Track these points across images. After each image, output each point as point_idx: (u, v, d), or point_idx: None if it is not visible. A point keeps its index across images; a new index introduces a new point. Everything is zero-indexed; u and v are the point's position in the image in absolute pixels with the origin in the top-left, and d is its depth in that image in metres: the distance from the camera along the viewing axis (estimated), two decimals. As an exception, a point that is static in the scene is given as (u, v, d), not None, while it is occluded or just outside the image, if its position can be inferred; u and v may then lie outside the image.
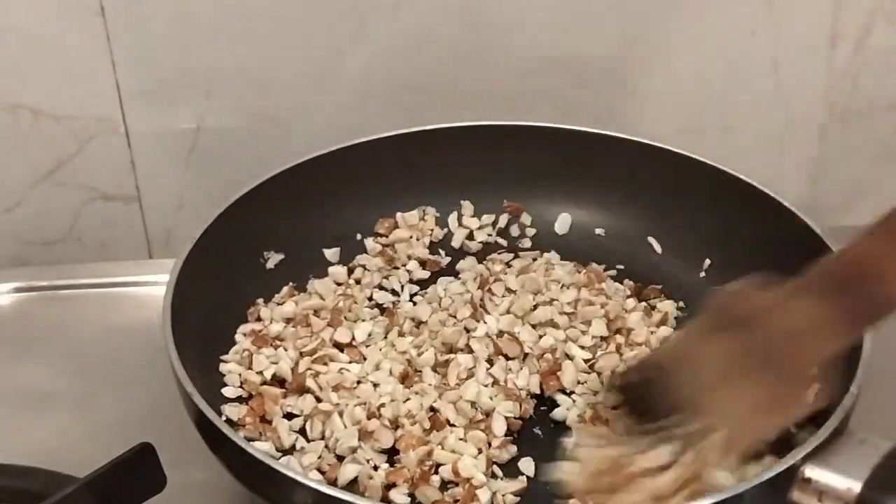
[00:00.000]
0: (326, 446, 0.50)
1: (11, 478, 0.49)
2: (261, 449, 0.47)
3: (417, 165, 0.63)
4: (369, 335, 0.55)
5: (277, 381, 0.53)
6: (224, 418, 0.49)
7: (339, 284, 0.59)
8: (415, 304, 0.58)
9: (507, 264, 0.61)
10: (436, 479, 0.48)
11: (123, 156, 0.71)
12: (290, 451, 0.50)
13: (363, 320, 0.56)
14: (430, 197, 0.64)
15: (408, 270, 0.61)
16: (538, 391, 0.53)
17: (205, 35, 0.67)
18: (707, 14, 0.69)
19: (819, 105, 0.71)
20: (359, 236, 0.62)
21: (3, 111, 0.69)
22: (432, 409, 0.51)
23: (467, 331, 0.55)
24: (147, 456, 0.46)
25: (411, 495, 0.48)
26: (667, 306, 0.58)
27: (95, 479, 0.45)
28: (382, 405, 0.50)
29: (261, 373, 0.53)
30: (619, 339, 0.55)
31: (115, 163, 0.71)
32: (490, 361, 0.54)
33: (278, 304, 0.58)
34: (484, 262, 0.61)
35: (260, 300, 0.57)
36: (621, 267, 0.61)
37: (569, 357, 0.54)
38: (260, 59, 0.68)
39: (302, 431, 0.51)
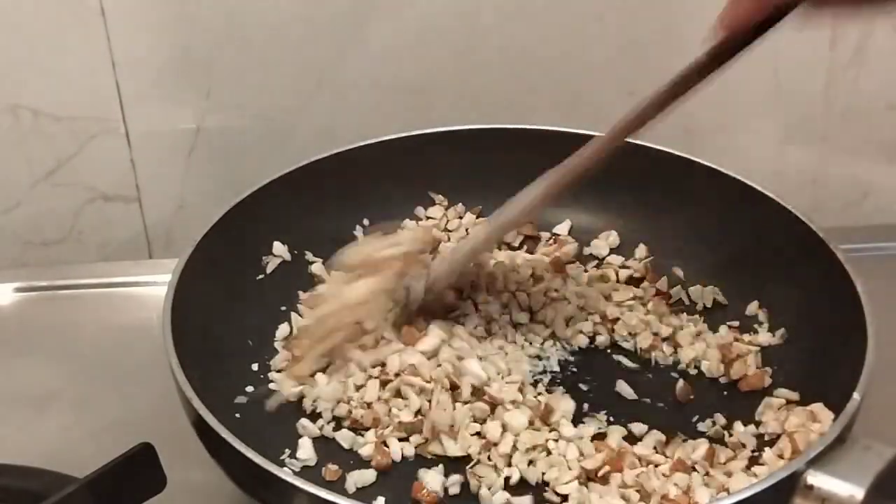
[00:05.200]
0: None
1: (11, 478, 0.49)
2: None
3: (417, 169, 0.62)
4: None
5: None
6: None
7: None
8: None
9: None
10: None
11: (123, 156, 0.70)
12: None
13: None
14: (430, 201, 0.64)
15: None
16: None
17: (205, 35, 0.67)
18: (706, 14, 0.68)
19: (819, 105, 0.71)
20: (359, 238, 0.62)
21: (3, 111, 0.69)
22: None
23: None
24: (147, 456, 0.46)
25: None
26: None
27: (95, 479, 0.44)
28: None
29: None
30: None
31: (115, 163, 0.71)
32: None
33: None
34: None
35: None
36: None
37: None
38: (260, 59, 0.68)
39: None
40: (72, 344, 0.62)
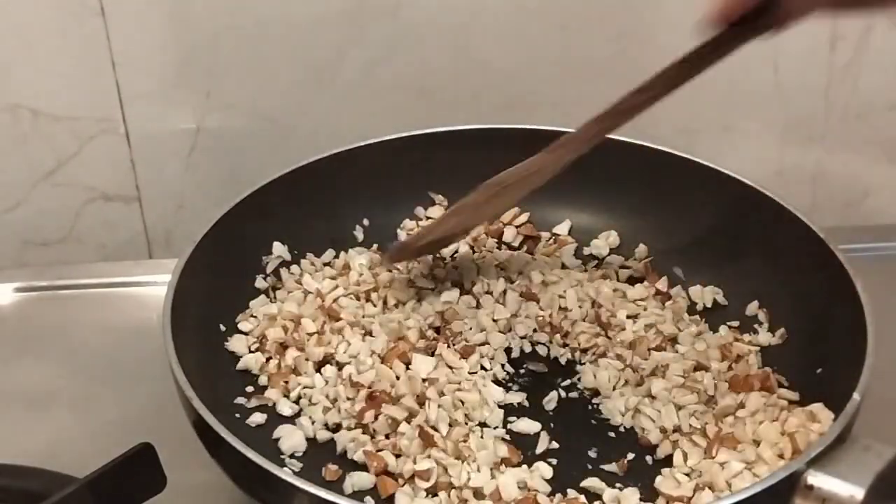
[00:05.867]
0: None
1: (11, 478, 0.50)
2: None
3: (417, 169, 0.62)
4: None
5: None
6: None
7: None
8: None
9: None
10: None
11: (123, 156, 0.71)
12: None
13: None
14: (430, 201, 0.64)
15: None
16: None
17: (205, 35, 0.67)
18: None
19: (819, 105, 0.71)
20: (359, 238, 0.62)
21: (3, 111, 0.69)
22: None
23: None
24: (147, 456, 0.46)
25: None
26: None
27: (95, 479, 0.45)
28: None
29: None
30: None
31: (115, 163, 0.71)
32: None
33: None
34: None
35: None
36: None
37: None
38: (260, 59, 0.68)
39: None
40: (72, 344, 0.62)
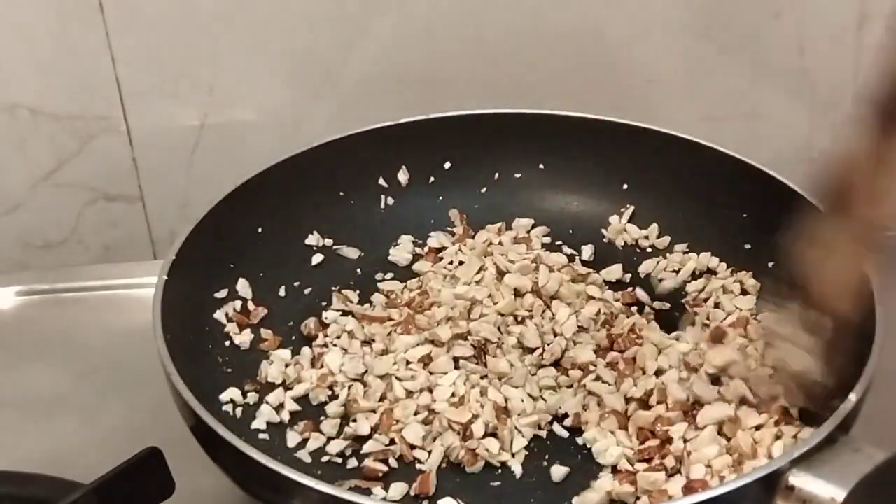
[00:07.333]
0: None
1: (16, 485, 0.50)
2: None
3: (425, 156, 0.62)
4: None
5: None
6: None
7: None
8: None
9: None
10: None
11: (125, 155, 0.71)
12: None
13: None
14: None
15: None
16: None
17: (207, 30, 0.67)
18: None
19: (848, 90, 0.70)
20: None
21: (2, 111, 0.69)
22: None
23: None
24: (155, 461, 0.46)
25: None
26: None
27: (102, 484, 0.45)
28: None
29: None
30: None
31: (116, 162, 0.71)
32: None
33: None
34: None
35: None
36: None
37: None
38: (263, 53, 0.68)
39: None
40: (75, 348, 0.62)
